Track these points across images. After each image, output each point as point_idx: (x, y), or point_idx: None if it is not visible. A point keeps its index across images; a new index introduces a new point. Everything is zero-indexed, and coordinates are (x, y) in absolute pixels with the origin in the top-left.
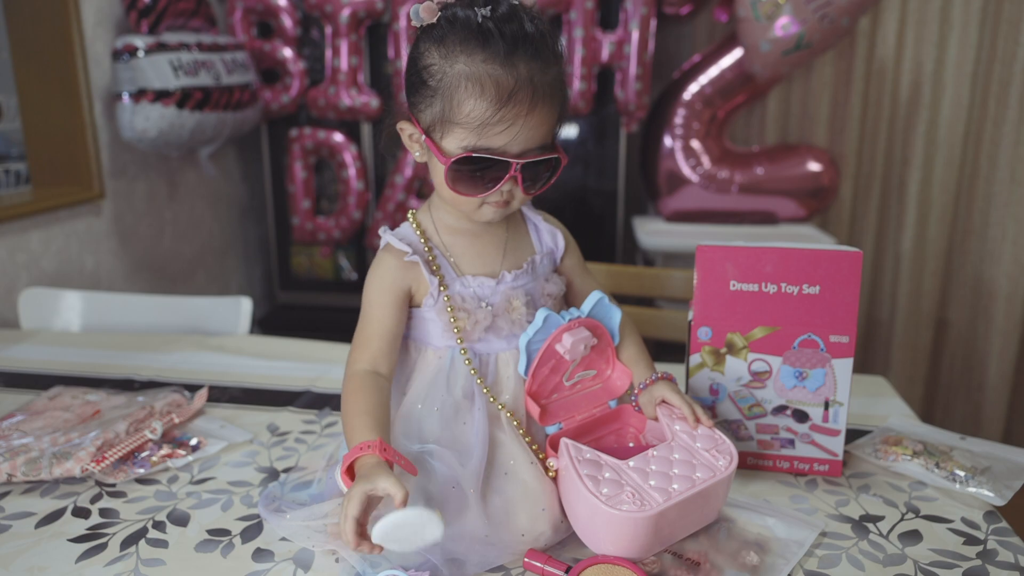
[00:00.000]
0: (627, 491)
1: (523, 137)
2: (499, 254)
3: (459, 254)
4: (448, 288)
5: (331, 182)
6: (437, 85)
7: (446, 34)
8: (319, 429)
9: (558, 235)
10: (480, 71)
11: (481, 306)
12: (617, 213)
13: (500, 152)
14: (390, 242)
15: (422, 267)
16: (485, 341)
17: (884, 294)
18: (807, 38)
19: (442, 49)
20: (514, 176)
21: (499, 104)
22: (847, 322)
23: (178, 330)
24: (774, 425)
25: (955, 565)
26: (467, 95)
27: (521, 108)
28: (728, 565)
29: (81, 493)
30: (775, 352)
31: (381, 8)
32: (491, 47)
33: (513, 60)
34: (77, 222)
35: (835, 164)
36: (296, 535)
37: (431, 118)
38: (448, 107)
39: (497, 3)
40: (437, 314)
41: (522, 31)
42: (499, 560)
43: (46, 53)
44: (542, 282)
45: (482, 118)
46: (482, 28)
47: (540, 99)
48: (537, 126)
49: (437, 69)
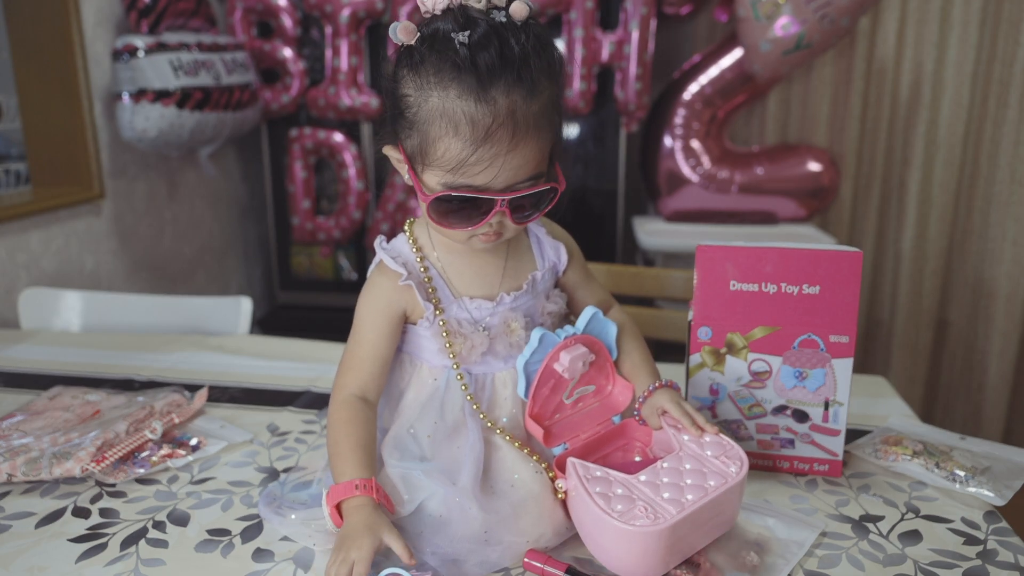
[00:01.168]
0: (639, 505)
1: (506, 174)
2: (498, 274)
3: (456, 274)
4: (444, 312)
5: (331, 182)
6: (413, 118)
7: (422, 61)
8: (319, 429)
9: (561, 249)
10: (453, 108)
11: (478, 330)
12: (617, 213)
13: (482, 190)
14: (385, 262)
15: (416, 291)
16: (482, 363)
17: (884, 294)
18: (807, 38)
19: (417, 79)
20: (501, 210)
21: (475, 144)
22: (847, 322)
23: (178, 330)
24: (774, 425)
25: (955, 565)
26: (441, 133)
27: (500, 147)
28: (728, 565)
29: (81, 493)
30: (775, 352)
31: (381, 8)
32: (465, 80)
33: (491, 93)
34: (77, 222)
35: (835, 164)
36: (296, 535)
37: (411, 150)
38: (424, 143)
39: (476, 25)
40: (432, 336)
41: (502, 58)
42: (500, 563)
43: (46, 53)
44: (542, 300)
45: (457, 159)
46: (459, 58)
47: (523, 134)
48: (522, 162)
49: (413, 101)
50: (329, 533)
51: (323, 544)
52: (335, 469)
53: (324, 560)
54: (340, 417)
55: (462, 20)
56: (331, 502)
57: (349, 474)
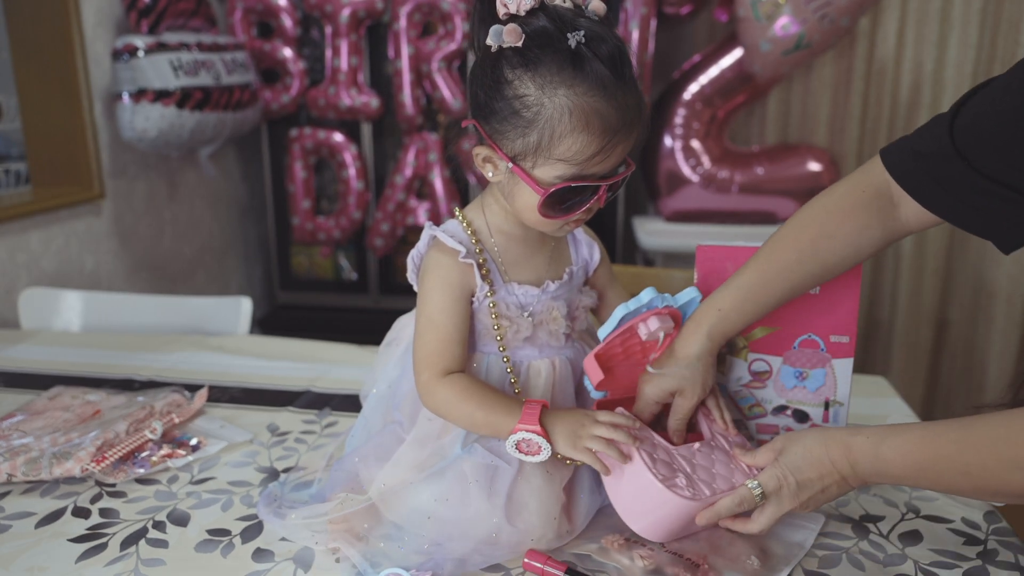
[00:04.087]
0: (680, 476)
1: (616, 162)
2: (544, 262)
3: (509, 259)
4: (495, 294)
5: (331, 182)
6: (534, 117)
7: (538, 61)
8: (319, 429)
9: (595, 247)
10: (584, 104)
11: (523, 315)
12: (617, 213)
13: (595, 178)
14: (441, 239)
15: (475, 269)
16: (520, 349)
17: (884, 294)
18: (807, 38)
19: (537, 79)
20: (600, 195)
21: (604, 138)
22: (847, 322)
23: (178, 330)
24: (774, 425)
25: (955, 565)
26: (570, 129)
27: (620, 138)
28: (728, 567)
29: (81, 493)
30: (775, 352)
31: (381, 8)
32: (593, 77)
33: (614, 90)
34: (77, 222)
35: (835, 164)
36: (296, 535)
37: (522, 148)
38: (548, 140)
39: (582, 23)
40: (482, 317)
41: (617, 53)
42: (502, 557)
43: (46, 53)
44: (577, 293)
45: (586, 153)
46: (578, 55)
47: (635, 124)
48: (628, 148)
49: (533, 100)
50: (329, 533)
51: (323, 544)
52: (498, 424)
53: (324, 560)
54: (455, 392)
55: (565, 19)
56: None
57: (515, 411)
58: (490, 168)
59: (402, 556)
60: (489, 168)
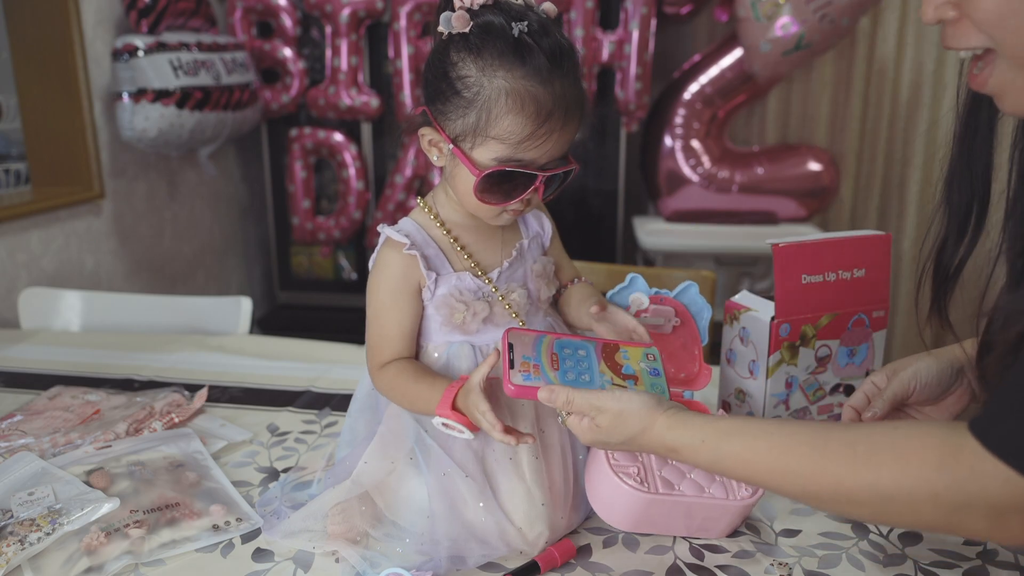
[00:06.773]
0: (636, 466)
1: (552, 151)
2: (497, 244)
3: (464, 243)
4: (446, 282)
5: (331, 182)
6: (473, 97)
7: (482, 46)
8: (319, 429)
9: (543, 218)
10: (520, 87)
11: (479, 297)
12: (617, 213)
13: (529, 165)
14: (389, 235)
15: (419, 261)
16: (483, 332)
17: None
18: (807, 38)
19: (479, 61)
20: (536, 186)
21: (538, 121)
22: (883, 295)
23: (178, 330)
24: (829, 404)
25: (955, 565)
26: (506, 111)
27: (555, 124)
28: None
29: None
30: (834, 336)
31: (381, 8)
32: (531, 63)
33: (551, 77)
34: (77, 222)
35: (835, 164)
36: (296, 536)
37: (462, 128)
38: (484, 120)
39: (530, 16)
40: (435, 309)
41: (557, 47)
42: (496, 554)
43: (46, 53)
44: (530, 264)
45: (520, 135)
46: (520, 43)
47: (571, 116)
48: (565, 140)
49: (474, 81)
50: (328, 534)
51: (322, 545)
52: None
53: (324, 560)
54: (392, 375)
55: (513, 12)
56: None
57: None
58: (435, 152)
59: (402, 556)
60: (435, 152)
